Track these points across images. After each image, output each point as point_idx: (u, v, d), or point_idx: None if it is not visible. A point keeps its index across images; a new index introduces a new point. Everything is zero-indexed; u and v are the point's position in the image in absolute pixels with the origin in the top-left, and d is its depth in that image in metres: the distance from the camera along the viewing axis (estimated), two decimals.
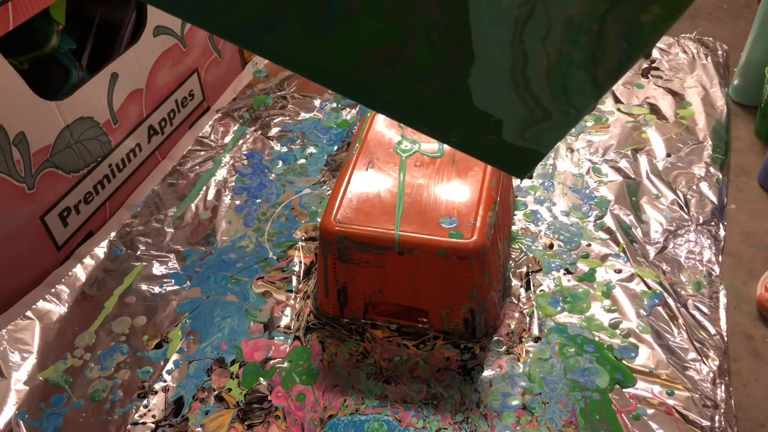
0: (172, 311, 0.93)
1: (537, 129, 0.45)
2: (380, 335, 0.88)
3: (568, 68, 0.41)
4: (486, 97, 0.44)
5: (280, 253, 1.01)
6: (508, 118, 0.45)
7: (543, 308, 0.91)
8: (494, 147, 0.47)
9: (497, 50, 0.41)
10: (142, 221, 1.08)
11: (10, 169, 0.88)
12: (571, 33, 0.39)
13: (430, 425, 0.78)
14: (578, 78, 0.41)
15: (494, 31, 0.40)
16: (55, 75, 1.03)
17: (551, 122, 0.44)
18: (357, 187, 0.87)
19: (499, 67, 0.42)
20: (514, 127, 0.45)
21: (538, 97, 0.43)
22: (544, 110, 0.43)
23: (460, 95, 0.44)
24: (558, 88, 0.42)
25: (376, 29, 0.42)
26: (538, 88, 0.42)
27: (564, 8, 0.38)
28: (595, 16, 0.38)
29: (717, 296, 0.91)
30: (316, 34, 0.43)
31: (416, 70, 0.44)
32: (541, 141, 0.46)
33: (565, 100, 0.42)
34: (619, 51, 0.39)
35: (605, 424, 0.77)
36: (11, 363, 0.86)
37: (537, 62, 0.41)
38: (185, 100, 1.24)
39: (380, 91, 0.46)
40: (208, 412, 0.81)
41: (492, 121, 0.45)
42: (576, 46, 0.40)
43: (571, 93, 0.42)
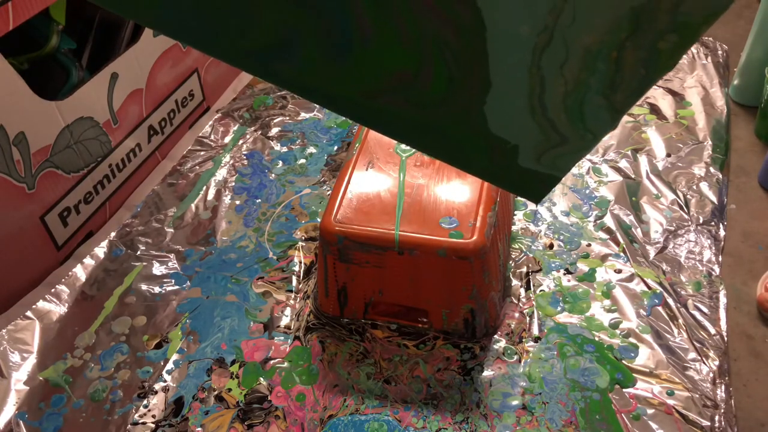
0: (172, 311, 0.93)
1: (553, 154, 0.44)
2: (380, 335, 0.88)
3: (585, 94, 0.41)
4: (502, 123, 0.44)
5: (280, 253, 1.01)
6: (524, 143, 0.44)
7: (543, 308, 0.91)
8: (510, 172, 0.46)
9: (514, 77, 0.41)
10: (142, 221, 1.08)
11: (10, 169, 0.88)
12: (589, 60, 0.39)
13: (430, 425, 0.78)
14: (595, 103, 0.41)
15: (512, 58, 0.40)
16: (55, 75, 1.03)
17: (568, 147, 0.44)
18: (357, 187, 0.87)
19: (515, 93, 0.42)
20: (530, 152, 0.45)
21: (555, 123, 0.43)
22: (560, 135, 0.43)
23: (476, 121, 0.44)
24: (575, 113, 0.42)
25: (391, 54, 0.42)
26: (554, 113, 0.42)
27: (583, 37, 0.38)
28: (613, 44, 0.38)
29: (717, 296, 0.91)
30: (331, 59, 0.43)
31: (431, 96, 0.43)
32: (557, 165, 0.45)
33: (582, 125, 0.42)
34: (637, 77, 0.39)
35: (605, 424, 0.77)
36: (11, 363, 0.86)
37: (554, 89, 0.41)
38: (185, 100, 1.24)
39: (394, 118, 0.46)
40: (208, 412, 0.81)
41: (508, 146, 0.45)
42: (594, 73, 0.40)
43: (588, 118, 0.42)
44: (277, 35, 0.42)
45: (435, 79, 0.42)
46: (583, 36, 0.38)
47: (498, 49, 0.40)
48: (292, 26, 0.41)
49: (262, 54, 0.43)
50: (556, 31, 0.38)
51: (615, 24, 0.37)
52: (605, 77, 0.40)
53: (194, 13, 0.42)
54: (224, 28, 0.42)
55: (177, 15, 0.42)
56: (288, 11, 0.41)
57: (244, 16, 0.41)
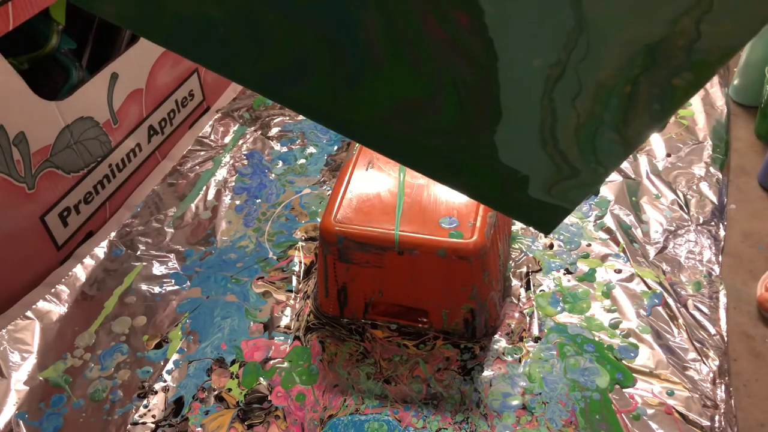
0: (172, 311, 0.93)
1: (564, 186, 0.44)
2: (380, 335, 0.88)
3: (597, 128, 0.40)
4: (512, 153, 0.43)
5: (280, 253, 1.01)
6: (535, 174, 0.44)
7: (543, 308, 0.91)
8: (520, 202, 0.46)
9: (525, 108, 0.41)
10: (142, 221, 1.08)
11: (10, 169, 0.88)
12: (602, 94, 0.39)
13: (430, 425, 0.78)
14: (608, 137, 0.41)
15: (523, 89, 0.40)
16: (55, 75, 1.03)
17: (579, 179, 0.43)
18: (357, 187, 0.87)
19: (526, 124, 0.41)
20: (541, 183, 0.44)
21: (566, 155, 0.42)
22: (572, 168, 0.43)
23: (486, 150, 0.43)
24: (587, 146, 0.41)
25: (402, 81, 0.42)
26: (566, 146, 0.42)
27: (596, 71, 0.38)
28: (627, 79, 0.38)
29: (717, 296, 0.91)
30: (343, 84, 0.43)
31: (442, 123, 0.43)
32: (568, 197, 0.45)
33: (594, 158, 0.42)
34: (651, 112, 0.39)
35: (605, 424, 0.77)
36: (11, 363, 0.86)
37: (566, 121, 0.41)
38: (185, 100, 1.24)
39: (404, 144, 0.46)
40: (208, 412, 0.81)
41: (518, 176, 0.44)
42: (607, 108, 0.39)
43: (599, 151, 0.41)
44: (289, 60, 0.42)
45: (446, 107, 0.42)
46: (596, 71, 0.38)
47: (509, 79, 0.40)
48: (304, 52, 0.41)
49: (273, 78, 0.43)
50: (569, 65, 0.38)
51: (629, 60, 0.37)
52: (618, 112, 0.39)
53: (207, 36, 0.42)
54: (236, 51, 0.42)
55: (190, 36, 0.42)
56: (300, 38, 0.41)
57: (257, 42, 0.41)
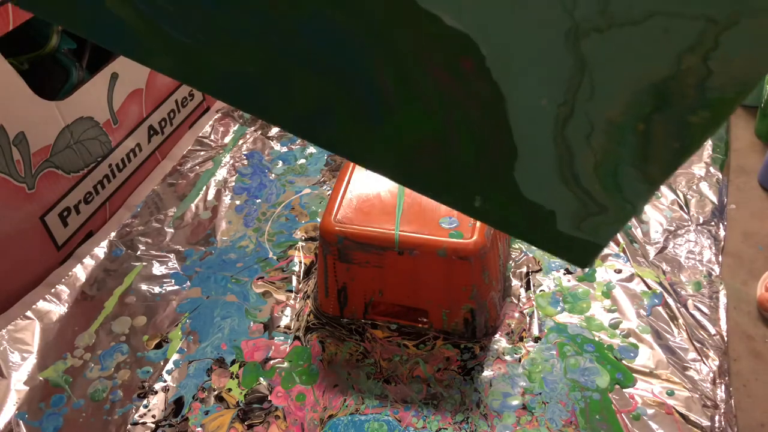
0: (172, 311, 0.93)
1: (593, 222, 0.43)
2: (380, 335, 0.88)
3: (617, 165, 0.40)
4: (535, 190, 0.43)
5: (280, 253, 1.01)
6: (561, 210, 0.43)
7: (543, 308, 0.91)
8: (550, 236, 0.45)
9: (540, 146, 0.40)
10: (142, 221, 1.08)
11: (10, 169, 0.88)
12: (615, 132, 0.38)
13: (430, 425, 0.78)
14: (630, 175, 0.40)
15: (534, 128, 0.40)
16: (55, 75, 1.03)
17: (607, 216, 0.42)
18: (357, 187, 0.87)
19: (544, 162, 0.41)
20: (568, 219, 0.43)
21: (590, 192, 0.41)
22: (598, 204, 0.42)
23: (508, 186, 0.43)
24: (610, 183, 0.41)
25: (418, 122, 0.42)
26: (588, 183, 0.41)
27: (604, 110, 0.37)
28: (638, 117, 0.37)
29: (717, 296, 0.91)
30: (364, 126, 0.44)
31: (462, 161, 0.43)
32: (599, 233, 0.43)
33: (620, 195, 0.41)
34: (671, 150, 0.38)
35: (605, 424, 0.77)
36: (11, 363, 0.86)
37: (583, 158, 0.40)
38: (185, 100, 1.24)
39: (428, 180, 0.46)
40: (208, 412, 0.81)
41: (544, 212, 0.43)
42: (623, 145, 0.39)
43: (624, 189, 0.40)
44: (315, 105, 0.44)
45: (462, 145, 0.42)
46: (604, 109, 0.37)
47: (519, 118, 0.40)
48: (326, 98, 0.43)
49: (304, 121, 0.45)
50: (577, 105, 0.38)
51: (637, 99, 0.36)
52: (636, 149, 0.38)
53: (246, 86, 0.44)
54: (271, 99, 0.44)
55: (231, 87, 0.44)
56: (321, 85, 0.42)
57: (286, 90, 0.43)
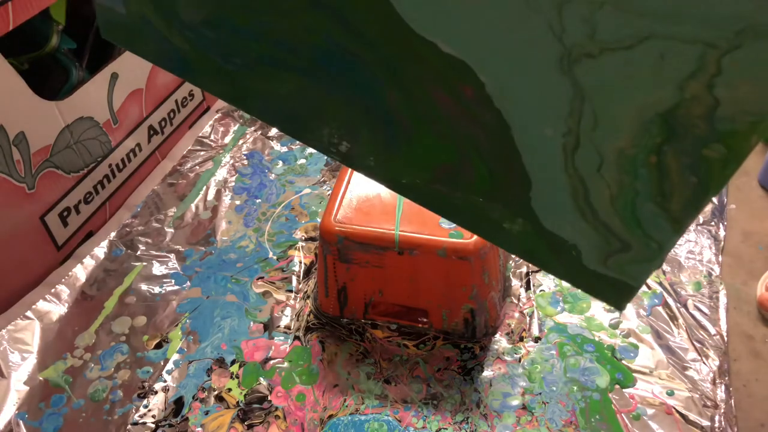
0: (172, 311, 0.93)
1: (619, 259, 0.40)
2: (380, 335, 0.88)
3: (634, 200, 0.37)
4: (554, 221, 0.41)
5: (280, 253, 1.01)
6: (584, 244, 0.41)
7: (543, 308, 0.91)
8: (577, 272, 0.43)
9: (552, 176, 0.39)
10: (142, 221, 1.08)
11: (10, 169, 0.88)
12: (626, 164, 0.36)
13: (430, 425, 0.78)
14: (649, 211, 0.37)
15: (543, 157, 0.38)
16: (55, 75, 1.03)
17: (633, 254, 0.40)
18: (357, 187, 0.87)
19: (559, 192, 0.39)
20: (593, 254, 0.41)
21: (610, 227, 0.39)
22: (621, 240, 0.39)
23: (528, 216, 0.42)
24: (629, 219, 0.38)
25: (433, 148, 0.42)
26: (606, 217, 0.39)
27: (612, 140, 0.36)
28: (649, 148, 0.35)
29: (717, 296, 0.91)
30: (384, 149, 0.45)
31: (478, 188, 0.42)
32: (628, 273, 0.41)
33: (641, 232, 0.38)
34: (689, 185, 0.35)
35: (605, 424, 0.77)
36: (11, 363, 0.86)
37: (598, 191, 0.38)
38: (185, 100, 1.24)
39: (451, 205, 0.45)
40: (208, 412, 0.81)
41: (567, 245, 0.42)
42: (637, 178, 0.36)
43: (646, 225, 0.38)
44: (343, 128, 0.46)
45: (477, 172, 0.42)
46: (611, 140, 0.36)
47: (527, 147, 0.39)
48: (351, 123, 0.45)
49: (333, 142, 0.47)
50: (582, 135, 0.36)
51: (644, 129, 0.34)
52: (651, 183, 0.36)
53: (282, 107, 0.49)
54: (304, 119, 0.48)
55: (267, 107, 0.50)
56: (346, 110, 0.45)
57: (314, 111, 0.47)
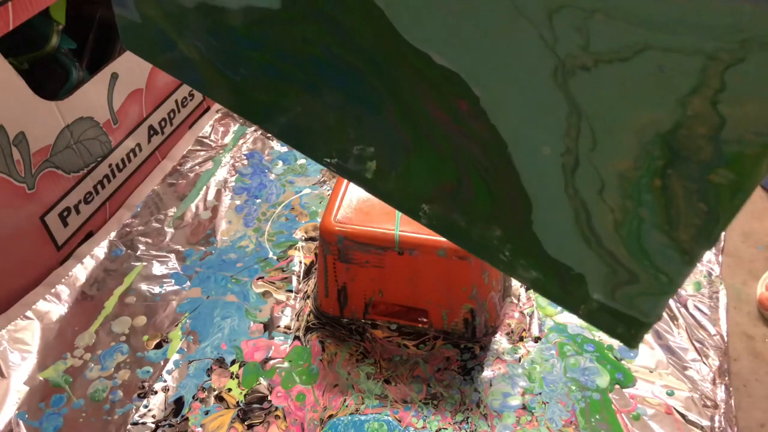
0: (172, 311, 0.93)
1: (627, 292, 0.38)
2: (380, 335, 0.88)
3: (639, 227, 0.35)
4: (558, 247, 0.39)
5: (280, 253, 1.01)
6: (590, 274, 0.38)
7: (543, 308, 0.91)
8: (583, 304, 0.40)
9: (553, 198, 0.37)
10: (142, 221, 1.08)
11: (10, 169, 0.88)
12: (629, 188, 0.34)
13: (430, 425, 0.78)
14: (656, 240, 0.35)
15: (542, 177, 0.37)
16: (55, 75, 1.03)
17: (641, 286, 0.37)
18: (357, 187, 0.87)
19: (560, 216, 0.37)
20: (600, 285, 0.38)
21: (615, 256, 0.37)
22: (627, 271, 0.37)
23: (530, 242, 0.40)
24: (634, 248, 0.36)
25: (432, 165, 0.41)
26: (611, 245, 0.36)
27: (611, 162, 0.33)
28: (651, 172, 0.32)
29: (717, 296, 0.91)
30: (387, 165, 0.44)
31: (479, 210, 0.41)
32: (637, 307, 0.38)
33: (649, 263, 0.36)
34: (698, 213, 0.32)
35: (605, 424, 0.77)
36: (11, 363, 0.86)
37: (601, 216, 0.36)
38: (185, 100, 1.24)
39: (453, 228, 0.44)
40: (208, 412, 0.81)
41: (572, 274, 0.39)
42: (641, 204, 0.34)
43: (653, 256, 0.35)
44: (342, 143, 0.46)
45: (476, 192, 0.40)
46: (611, 161, 0.33)
47: (525, 166, 0.37)
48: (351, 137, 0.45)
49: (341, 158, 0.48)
50: (581, 154, 0.34)
51: (644, 150, 0.32)
52: (657, 210, 0.34)
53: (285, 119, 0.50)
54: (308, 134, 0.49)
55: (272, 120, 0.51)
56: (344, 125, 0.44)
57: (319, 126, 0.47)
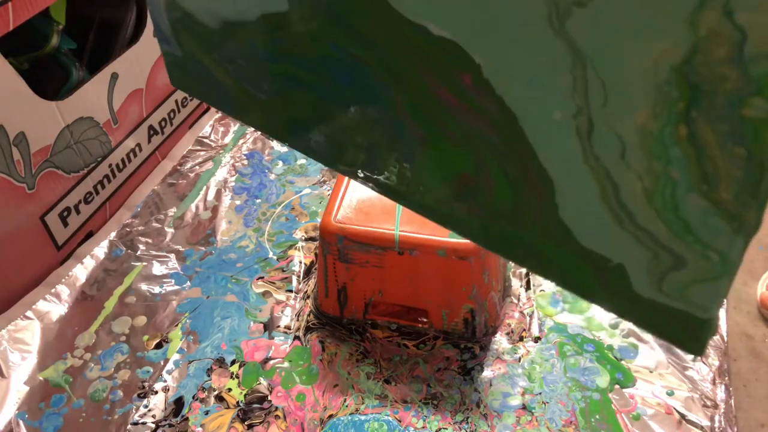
0: (172, 311, 0.93)
1: (675, 281, 0.33)
2: (380, 335, 0.88)
3: (674, 194, 0.30)
4: (590, 235, 0.35)
5: (280, 253, 1.01)
6: (630, 263, 0.34)
7: (543, 308, 0.91)
8: (632, 303, 0.35)
9: (573, 173, 0.33)
10: (142, 221, 1.08)
11: (10, 169, 0.88)
12: (653, 144, 0.29)
13: (430, 425, 0.78)
14: (696, 206, 0.30)
15: (559, 148, 0.33)
16: (55, 75, 1.03)
17: (690, 271, 0.32)
18: (357, 187, 0.87)
19: (585, 194, 0.33)
20: (643, 275, 0.34)
21: (654, 235, 0.32)
22: (671, 253, 0.32)
23: (560, 233, 0.35)
24: (673, 221, 0.31)
25: (448, 156, 0.38)
26: (646, 221, 0.32)
27: (627, 116, 0.30)
28: (673, 118, 0.28)
29: None
30: (402, 163, 0.42)
31: (501, 202, 0.37)
32: (690, 299, 0.33)
33: (693, 239, 0.31)
34: (738, 161, 0.28)
35: (605, 424, 0.77)
36: (11, 363, 0.86)
37: (629, 186, 0.31)
38: (185, 100, 1.24)
39: (481, 230, 0.40)
40: (208, 412, 0.81)
41: (611, 266, 0.35)
42: (670, 162, 0.29)
43: (696, 229, 0.30)
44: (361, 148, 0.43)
45: (495, 181, 0.37)
46: (626, 115, 0.29)
47: (540, 138, 0.33)
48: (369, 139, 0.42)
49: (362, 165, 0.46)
50: (594, 113, 0.30)
51: (660, 94, 0.28)
52: (689, 167, 0.29)
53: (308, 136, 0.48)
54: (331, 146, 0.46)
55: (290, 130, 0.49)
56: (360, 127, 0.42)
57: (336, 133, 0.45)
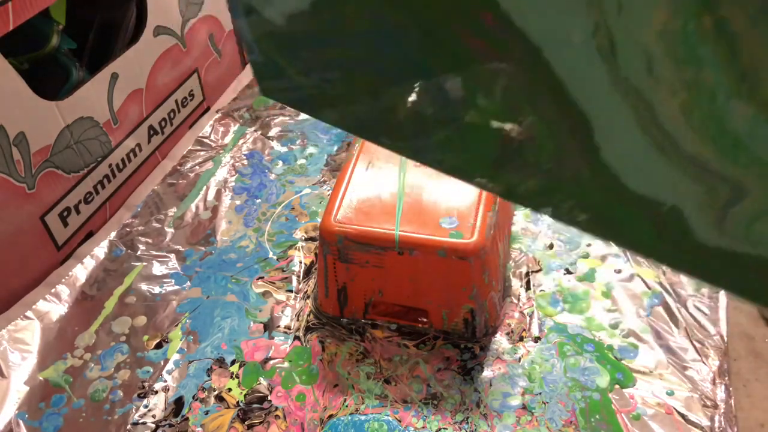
0: (172, 311, 0.93)
1: (739, 217, 0.30)
2: (380, 335, 0.88)
3: (713, 104, 0.27)
4: (637, 176, 0.32)
5: (280, 253, 1.01)
6: (683, 201, 0.31)
7: (543, 308, 0.91)
8: (694, 255, 0.32)
9: (605, 101, 0.31)
10: (142, 221, 1.08)
11: (10, 169, 0.88)
12: (680, 49, 0.27)
13: (430, 425, 0.78)
14: (741, 114, 0.27)
15: (586, 75, 0.31)
16: (55, 75, 1.03)
17: (754, 202, 0.29)
18: (357, 187, 0.87)
19: (621, 124, 0.31)
20: (701, 216, 0.31)
21: (705, 162, 0.29)
22: (727, 181, 0.29)
23: (606, 178, 0.33)
24: (722, 139, 0.28)
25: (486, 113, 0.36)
26: (692, 145, 0.29)
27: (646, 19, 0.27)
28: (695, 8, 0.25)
29: (717, 296, 0.91)
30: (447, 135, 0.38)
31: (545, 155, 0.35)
32: (759, 238, 0.30)
33: (747, 158, 0.28)
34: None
35: (605, 424, 0.77)
36: (11, 363, 0.86)
37: (664, 105, 0.29)
38: (185, 100, 1.24)
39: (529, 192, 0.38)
40: (208, 412, 0.81)
41: (665, 209, 0.32)
42: (702, 64, 0.27)
43: (748, 143, 0.27)
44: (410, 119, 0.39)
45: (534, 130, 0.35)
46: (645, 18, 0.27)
47: (566, 71, 0.31)
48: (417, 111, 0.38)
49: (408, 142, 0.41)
50: (612, 26, 0.28)
51: None
52: (723, 65, 0.26)
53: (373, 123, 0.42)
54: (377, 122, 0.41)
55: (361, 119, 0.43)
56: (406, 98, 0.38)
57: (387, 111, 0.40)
